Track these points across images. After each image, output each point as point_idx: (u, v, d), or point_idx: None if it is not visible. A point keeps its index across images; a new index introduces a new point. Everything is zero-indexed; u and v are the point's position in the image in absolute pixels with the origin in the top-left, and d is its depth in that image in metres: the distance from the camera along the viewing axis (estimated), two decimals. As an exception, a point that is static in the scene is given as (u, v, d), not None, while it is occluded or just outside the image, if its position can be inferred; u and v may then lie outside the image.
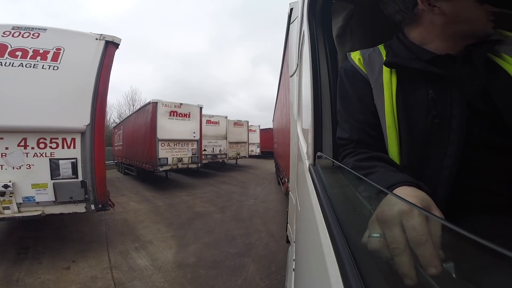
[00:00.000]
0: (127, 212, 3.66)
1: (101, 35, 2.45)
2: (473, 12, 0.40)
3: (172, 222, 3.19)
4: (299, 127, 1.06)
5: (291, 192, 1.60)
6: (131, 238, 2.66)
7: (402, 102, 0.40)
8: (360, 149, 0.44)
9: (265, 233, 2.77)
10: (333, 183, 0.44)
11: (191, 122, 6.06)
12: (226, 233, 2.79)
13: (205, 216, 3.44)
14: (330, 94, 0.61)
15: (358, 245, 0.27)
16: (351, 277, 0.23)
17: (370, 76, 0.45)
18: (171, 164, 5.63)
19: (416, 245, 0.22)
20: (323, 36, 0.67)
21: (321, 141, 0.58)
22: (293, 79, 1.44)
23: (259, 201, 4.29)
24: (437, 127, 0.38)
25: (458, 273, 0.21)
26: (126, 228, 2.99)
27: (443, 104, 0.37)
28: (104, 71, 2.38)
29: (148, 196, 4.83)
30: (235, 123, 9.58)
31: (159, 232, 2.84)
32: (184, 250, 2.35)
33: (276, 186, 5.55)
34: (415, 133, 0.39)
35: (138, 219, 3.34)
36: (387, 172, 0.36)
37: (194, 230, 2.89)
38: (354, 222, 0.34)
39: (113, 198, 4.69)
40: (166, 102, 5.68)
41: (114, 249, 2.38)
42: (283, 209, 3.47)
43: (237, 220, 3.27)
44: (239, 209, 3.78)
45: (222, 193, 4.97)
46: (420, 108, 0.39)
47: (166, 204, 4.14)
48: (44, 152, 2.14)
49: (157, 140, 5.40)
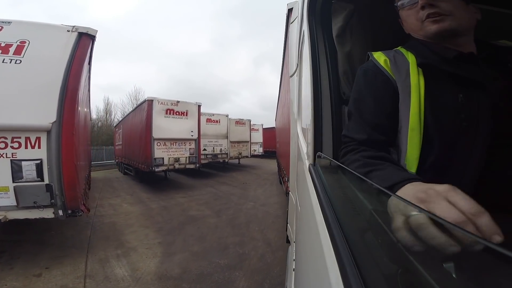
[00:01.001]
0: (118, 215, 3.62)
1: (74, 26, 2.32)
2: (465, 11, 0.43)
3: (162, 227, 3.10)
4: (299, 127, 1.08)
5: (291, 192, 1.62)
6: (115, 244, 2.57)
7: (430, 104, 0.41)
8: (364, 147, 0.45)
9: (261, 242, 2.61)
10: (333, 183, 0.46)
11: (189, 120, 6.02)
12: (219, 241, 2.65)
13: (198, 221, 3.34)
14: (330, 94, 0.63)
15: (358, 245, 0.28)
16: (351, 277, 0.24)
17: (398, 78, 0.45)
18: (167, 164, 5.58)
19: (474, 216, 0.22)
20: (323, 36, 0.69)
21: (321, 141, 0.60)
22: (293, 79, 1.46)
23: (259, 204, 4.21)
24: (465, 130, 0.39)
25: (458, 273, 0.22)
26: (113, 233, 2.91)
27: (471, 107, 0.39)
28: (75, 65, 2.21)
29: (143, 197, 4.82)
30: (236, 122, 9.57)
31: (146, 238, 2.75)
32: (169, 260, 2.22)
33: (277, 188, 5.53)
34: (442, 135, 0.40)
35: (127, 223, 3.27)
36: (398, 169, 0.37)
37: (184, 237, 2.77)
38: (354, 222, 0.34)
39: (107, 199, 4.76)
40: (162, 99, 5.64)
41: (94, 255, 2.30)
42: (283, 214, 3.37)
43: (233, 225, 3.14)
44: (236, 213, 3.67)
45: (220, 195, 4.93)
46: (449, 111, 0.40)
47: (160, 206, 4.09)
48: (4, 153, 1.97)
49: (153, 139, 5.36)
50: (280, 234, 2.75)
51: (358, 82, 0.51)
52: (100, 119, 17.75)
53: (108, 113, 18.11)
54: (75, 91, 2.21)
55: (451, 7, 0.43)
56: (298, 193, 0.90)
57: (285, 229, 2.10)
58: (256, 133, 12.03)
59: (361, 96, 0.49)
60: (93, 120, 16.67)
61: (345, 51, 0.67)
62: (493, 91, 0.39)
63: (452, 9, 0.43)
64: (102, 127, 17.42)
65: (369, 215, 0.31)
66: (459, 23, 0.43)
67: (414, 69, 0.44)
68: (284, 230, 2.34)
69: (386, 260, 0.26)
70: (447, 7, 0.43)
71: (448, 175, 0.40)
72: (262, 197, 4.71)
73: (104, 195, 5.14)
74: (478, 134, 0.38)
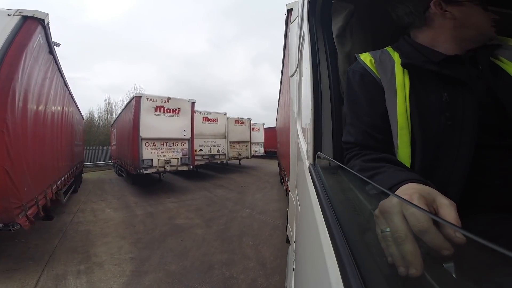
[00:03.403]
0: (96, 222, 3.53)
1: (17, 10, 2.19)
2: (480, 17, 0.47)
3: (140, 238, 2.92)
4: (299, 127, 1.13)
5: (291, 192, 1.67)
6: (81, 257, 2.41)
7: (415, 103, 0.44)
8: (366, 151, 0.48)
9: (254, 262, 2.33)
10: (333, 183, 0.48)
11: (181, 118, 5.96)
12: (203, 258, 2.39)
13: (184, 232, 3.14)
14: (330, 94, 0.66)
15: (358, 245, 0.30)
16: (351, 277, 0.25)
17: (383, 77, 0.49)
18: (157, 166, 5.50)
19: (421, 233, 0.24)
20: (323, 36, 0.72)
21: (321, 141, 0.63)
22: (293, 79, 1.52)
23: (256, 212, 4.04)
24: (450, 128, 0.42)
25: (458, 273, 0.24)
26: (83, 243, 2.77)
27: (456, 106, 0.42)
28: (13, 51, 2.02)
29: (130, 202, 4.78)
30: (236, 121, 9.55)
31: (118, 252, 2.56)
32: (137, 281, 1.99)
33: (278, 192, 5.50)
34: (428, 134, 0.43)
35: (104, 232, 3.14)
36: (396, 171, 0.39)
37: (163, 251, 2.56)
38: (354, 222, 0.37)
39: (92, 203, 4.72)
40: (152, 96, 5.60)
41: (51, 270, 2.14)
42: (283, 224, 3.22)
43: (223, 239, 2.89)
44: (229, 223, 3.47)
45: (214, 200, 4.88)
46: (433, 110, 0.43)
47: (146, 213, 4.00)
48: None
49: (140, 139, 5.29)
50: (277, 251, 2.51)
51: (349, 83, 0.55)
52: (101, 119, 19.18)
53: (109, 113, 19.15)
54: (9, 81, 1.97)
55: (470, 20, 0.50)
56: (298, 193, 0.94)
57: (283, 244, 2.11)
58: (257, 133, 12.06)
59: (353, 98, 0.53)
60: (95, 120, 18.60)
61: (345, 51, 0.71)
62: (478, 90, 0.42)
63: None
64: (100, 127, 18.47)
65: (369, 215, 0.32)
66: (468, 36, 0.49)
67: (399, 68, 0.47)
68: (283, 247, 2.32)
69: (386, 260, 0.27)
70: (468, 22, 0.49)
71: (437, 173, 0.42)
72: (260, 203, 4.61)
73: (89, 199, 5.09)
74: (464, 132, 0.41)
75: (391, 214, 0.27)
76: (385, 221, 0.28)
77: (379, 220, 0.29)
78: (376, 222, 0.29)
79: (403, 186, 0.34)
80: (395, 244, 0.26)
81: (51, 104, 3.19)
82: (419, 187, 0.32)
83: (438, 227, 0.24)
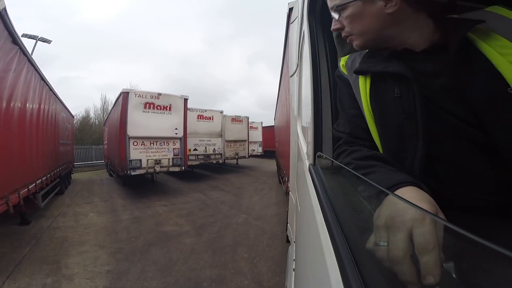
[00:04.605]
0: (76, 228, 3.42)
1: None
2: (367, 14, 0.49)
3: (121, 248, 2.75)
4: (299, 127, 1.17)
5: (291, 192, 1.71)
6: (50, 269, 2.25)
7: (375, 100, 0.50)
8: (353, 147, 0.52)
9: (249, 279, 2.12)
10: (333, 183, 0.51)
11: (173, 116, 5.89)
12: (189, 274, 2.19)
13: (171, 240, 2.97)
14: (330, 94, 0.70)
15: (358, 245, 0.31)
16: (351, 277, 0.27)
17: (350, 78, 0.57)
18: (146, 167, 5.41)
19: (422, 253, 0.25)
20: (323, 36, 0.77)
21: (321, 141, 0.66)
22: (293, 79, 1.57)
23: (253, 217, 3.91)
24: (406, 122, 0.46)
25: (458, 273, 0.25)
26: (56, 252, 2.62)
27: (408, 100, 0.45)
28: None
29: (117, 205, 4.72)
30: (233, 119, 9.54)
31: (94, 263, 2.40)
32: None
33: (277, 194, 5.48)
34: (389, 128, 0.48)
35: (82, 239, 3.00)
36: (388, 171, 0.41)
37: (144, 264, 2.37)
38: (354, 222, 0.39)
39: (76, 206, 4.66)
40: (141, 92, 5.51)
41: (13, 283, 2.02)
42: (282, 232, 3.09)
43: (214, 249, 2.70)
44: (222, 231, 3.30)
45: (208, 204, 4.83)
46: (389, 104, 0.48)
47: (132, 218, 3.89)
48: None
49: (128, 137, 5.18)
50: (276, 266, 2.31)
51: (336, 83, 0.65)
52: (97, 118, 19.99)
53: (105, 112, 19.59)
54: None
55: (349, 25, 0.51)
56: (298, 193, 0.97)
57: (283, 257, 2.06)
58: (255, 132, 12.15)
59: (339, 95, 0.62)
60: (91, 119, 19.43)
61: (345, 51, 0.74)
62: (434, 86, 0.44)
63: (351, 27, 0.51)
64: (94, 126, 19.24)
65: (369, 215, 0.34)
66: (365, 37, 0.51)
67: None
68: (282, 260, 2.25)
69: (386, 260, 0.29)
70: (348, 27, 0.52)
71: (404, 165, 0.46)
72: (258, 207, 4.53)
73: (75, 201, 5.02)
74: (418, 126, 0.44)
75: (398, 230, 0.27)
76: (387, 234, 0.28)
77: (379, 230, 0.29)
78: (375, 231, 0.30)
79: (400, 190, 0.35)
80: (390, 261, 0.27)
81: (18, 100, 3.06)
82: (423, 196, 0.33)
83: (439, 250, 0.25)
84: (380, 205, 0.30)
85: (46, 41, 11.12)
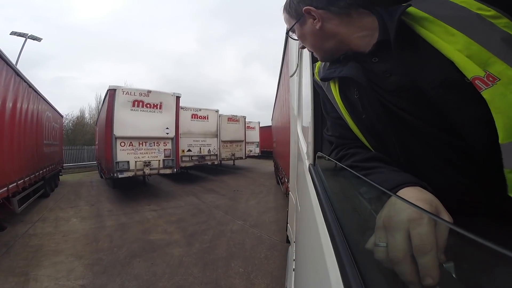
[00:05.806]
0: (54, 235, 3.31)
1: None
2: None
3: (101, 259, 2.62)
4: (299, 127, 1.22)
5: (291, 192, 1.76)
6: (15, 282, 2.13)
7: (346, 102, 0.54)
8: (351, 150, 0.54)
9: None
10: (333, 183, 0.53)
11: (164, 115, 5.82)
12: None
13: (157, 251, 2.82)
14: None
15: (358, 245, 0.32)
16: (351, 277, 0.28)
17: (323, 85, 0.61)
18: (134, 169, 5.30)
19: (419, 254, 0.26)
20: None
21: (321, 141, 0.69)
22: (293, 79, 1.62)
23: (249, 223, 3.78)
24: (367, 121, 0.49)
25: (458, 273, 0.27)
26: (27, 262, 2.51)
27: (365, 101, 0.49)
28: None
29: (104, 210, 4.66)
30: (229, 119, 9.58)
31: (67, 276, 2.26)
32: None
33: (275, 198, 5.45)
34: (366, 127, 0.52)
35: (58, 248, 2.88)
36: (390, 172, 0.43)
37: (124, 279, 2.20)
38: (354, 222, 0.40)
39: (59, 210, 4.59)
40: (129, 89, 5.44)
41: None
42: (281, 241, 2.98)
43: (205, 262, 2.54)
44: (215, 240, 3.15)
45: (201, 208, 4.76)
46: (352, 105, 0.52)
47: (117, 224, 3.79)
48: None
49: (114, 138, 5.09)
50: (276, 282, 2.16)
51: None
52: (92, 118, 19.82)
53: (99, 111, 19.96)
54: None
55: (304, 44, 0.59)
56: (298, 193, 1.01)
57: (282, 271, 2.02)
58: (252, 132, 12.19)
59: (322, 100, 0.66)
60: (86, 119, 19.69)
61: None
62: (386, 86, 0.47)
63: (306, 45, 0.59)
64: (85, 126, 19.32)
65: (369, 215, 0.35)
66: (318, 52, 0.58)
67: None
68: (281, 275, 2.16)
69: (386, 260, 0.30)
70: (306, 43, 0.59)
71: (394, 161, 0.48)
72: (255, 212, 4.43)
73: (59, 205, 4.95)
74: (384, 123, 0.47)
75: (395, 230, 0.28)
76: (386, 235, 0.29)
77: (379, 232, 0.30)
78: (376, 233, 0.31)
79: (402, 191, 0.36)
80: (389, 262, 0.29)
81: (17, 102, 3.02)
82: (423, 195, 0.34)
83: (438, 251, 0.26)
84: (382, 206, 0.31)
85: (36, 39, 11.38)
